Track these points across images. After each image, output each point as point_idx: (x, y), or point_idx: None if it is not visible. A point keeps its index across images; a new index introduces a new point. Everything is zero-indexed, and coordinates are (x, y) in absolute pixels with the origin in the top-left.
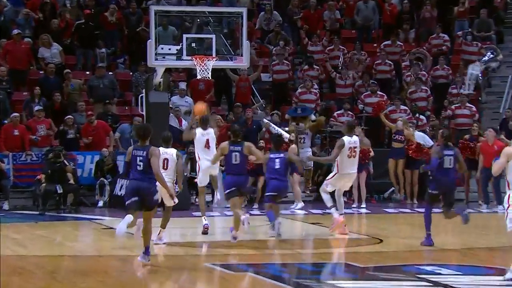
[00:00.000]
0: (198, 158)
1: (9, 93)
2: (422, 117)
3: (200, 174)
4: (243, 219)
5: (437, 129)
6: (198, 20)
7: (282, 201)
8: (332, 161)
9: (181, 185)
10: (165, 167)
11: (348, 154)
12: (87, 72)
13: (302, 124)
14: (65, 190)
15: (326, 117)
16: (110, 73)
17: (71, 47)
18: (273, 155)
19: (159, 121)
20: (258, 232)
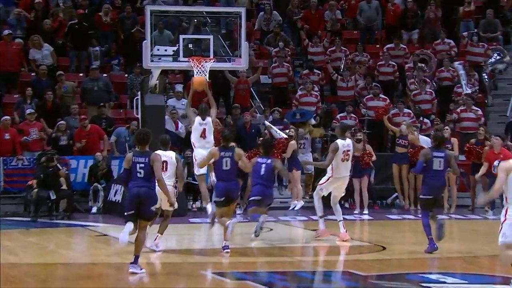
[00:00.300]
0: (194, 147)
1: (0, 96)
2: (427, 121)
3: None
4: (227, 224)
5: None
6: (195, 21)
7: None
8: (328, 166)
9: (181, 188)
10: (164, 170)
11: (342, 158)
12: (81, 74)
13: (302, 130)
14: (58, 196)
15: (328, 120)
16: (105, 75)
17: (64, 48)
18: (260, 160)
19: (155, 125)
20: (256, 239)
